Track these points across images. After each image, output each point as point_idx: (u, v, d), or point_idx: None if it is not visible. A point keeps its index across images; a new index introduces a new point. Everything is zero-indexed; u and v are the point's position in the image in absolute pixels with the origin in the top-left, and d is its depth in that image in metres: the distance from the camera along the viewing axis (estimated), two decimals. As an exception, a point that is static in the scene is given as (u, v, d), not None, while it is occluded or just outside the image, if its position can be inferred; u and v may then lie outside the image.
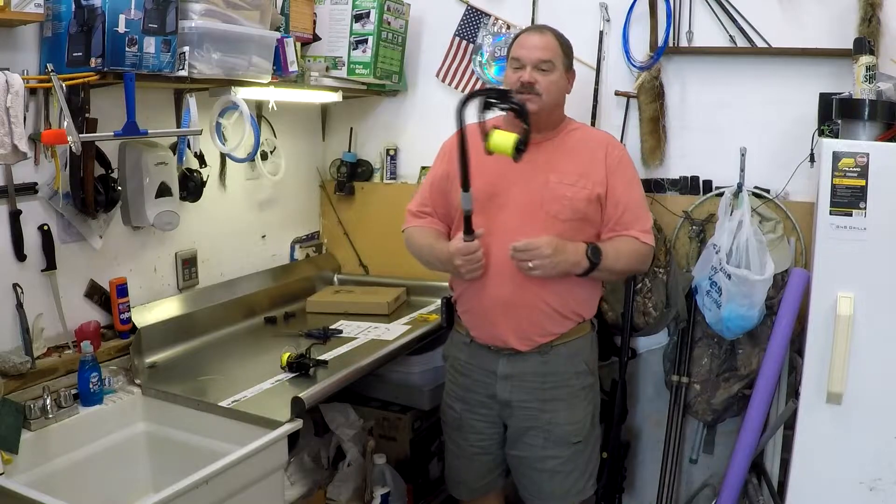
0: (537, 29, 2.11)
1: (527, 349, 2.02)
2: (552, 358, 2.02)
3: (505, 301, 1.99)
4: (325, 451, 2.34)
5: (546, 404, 2.03)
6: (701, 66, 2.55)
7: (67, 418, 1.85)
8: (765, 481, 2.37)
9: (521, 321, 2.00)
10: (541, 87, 1.97)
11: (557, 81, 2.01)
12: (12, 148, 1.72)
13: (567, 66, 2.06)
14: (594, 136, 2.14)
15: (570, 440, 2.04)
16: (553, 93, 2.00)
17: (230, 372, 2.15)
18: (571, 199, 1.97)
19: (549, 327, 2.01)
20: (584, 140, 2.07)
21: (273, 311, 2.69)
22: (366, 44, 2.64)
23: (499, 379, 2.05)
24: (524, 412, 2.04)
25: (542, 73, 1.98)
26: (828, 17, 2.35)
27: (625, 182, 2.02)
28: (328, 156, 3.14)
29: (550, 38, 2.03)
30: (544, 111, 1.99)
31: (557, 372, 2.03)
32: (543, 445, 2.04)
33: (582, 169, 2.00)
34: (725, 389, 2.49)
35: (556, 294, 1.99)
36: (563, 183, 1.98)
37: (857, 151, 1.94)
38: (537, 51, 1.99)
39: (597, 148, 2.04)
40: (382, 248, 3.04)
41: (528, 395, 2.03)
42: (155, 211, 2.15)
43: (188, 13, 1.98)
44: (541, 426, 2.03)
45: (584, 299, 2.06)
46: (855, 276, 1.96)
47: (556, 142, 2.05)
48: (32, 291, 1.94)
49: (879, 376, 1.97)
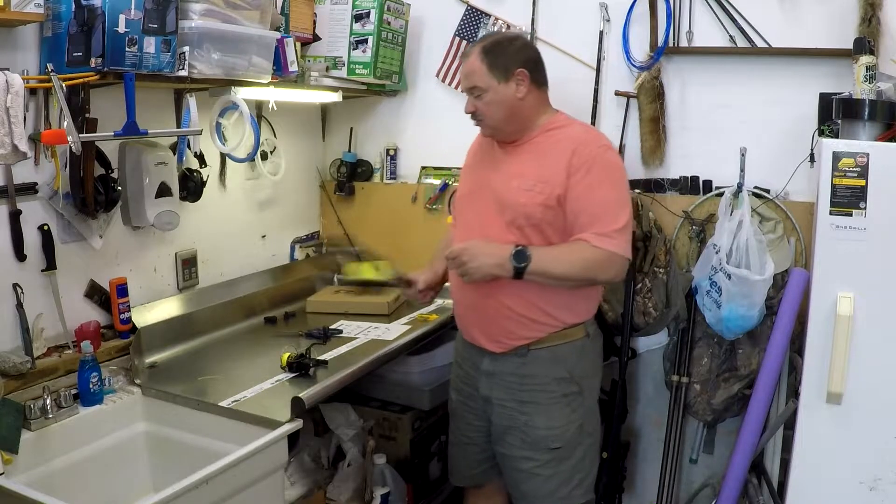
0: (465, 54, 2.03)
1: (499, 351, 2.02)
2: (531, 360, 2.00)
3: (471, 306, 2.04)
4: (325, 451, 2.34)
5: (523, 405, 2.02)
6: (701, 66, 2.55)
7: (67, 418, 1.85)
8: (765, 481, 2.37)
9: (488, 325, 2.01)
10: (480, 112, 1.98)
11: (494, 100, 1.94)
12: (12, 148, 1.71)
13: (503, 77, 1.94)
14: (569, 135, 1.98)
15: (548, 445, 2.01)
16: (495, 112, 1.96)
17: (230, 372, 2.14)
18: (525, 205, 1.92)
19: (518, 331, 1.99)
20: (557, 141, 1.97)
21: (273, 311, 2.69)
22: (366, 44, 2.64)
23: (481, 375, 2.07)
24: (503, 410, 2.05)
25: (477, 99, 1.97)
26: (828, 17, 2.35)
27: (587, 183, 1.89)
28: (328, 156, 3.14)
29: (473, 59, 1.96)
30: (499, 129, 2.00)
31: (536, 375, 2.00)
32: (521, 446, 2.04)
33: (542, 173, 1.93)
34: (725, 389, 2.49)
35: (520, 299, 1.95)
36: (520, 189, 1.93)
37: (857, 151, 1.94)
38: (464, 80, 2.00)
39: (565, 149, 1.92)
40: (382, 248, 3.03)
41: (507, 394, 2.04)
42: (155, 211, 2.14)
43: (188, 13, 1.98)
44: (518, 427, 2.03)
45: (561, 304, 1.98)
46: (855, 276, 1.96)
47: (531, 144, 1.99)
48: (32, 291, 1.94)
49: (879, 376, 1.97)
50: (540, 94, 2.01)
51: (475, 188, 2.07)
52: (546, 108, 2.04)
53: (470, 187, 2.11)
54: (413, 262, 2.89)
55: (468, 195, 2.11)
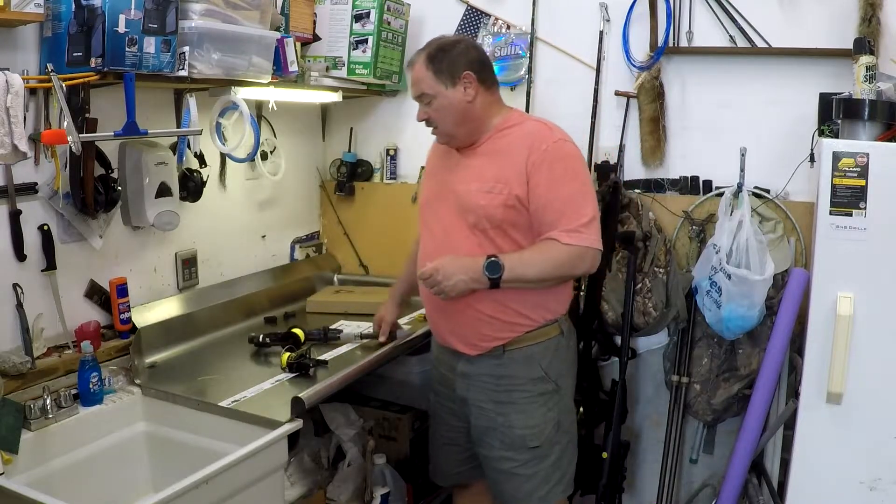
0: (411, 62, 2.00)
1: (473, 353, 2.01)
2: (507, 361, 1.99)
3: (441, 309, 2.02)
4: (325, 451, 2.34)
5: (500, 406, 2.01)
6: (701, 66, 2.55)
7: (67, 418, 1.85)
8: (765, 481, 2.37)
9: (460, 327, 2.01)
10: (433, 119, 1.97)
11: (444, 106, 1.94)
12: (12, 148, 1.72)
13: (449, 81, 1.93)
14: (524, 132, 1.95)
15: (527, 444, 2.00)
16: (446, 117, 1.95)
17: (230, 372, 2.15)
18: (486, 206, 1.90)
19: (490, 333, 1.98)
20: (512, 140, 1.95)
21: (273, 311, 2.69)
22: (366, 44, 2.64)
23: (457, 377, 2.07)
24: (480, 412, 2.04)
25: (427, 106, 1.96)
26: (828, 17, 2.35)
27: (548, 179, 1.87)
28: (328, 156, 3.14)
29: (419, 66, 1.95)
30: (453, 134, 1.99)
31: (512, 375, 2.00)
32: (500, 447, 2.03)
33: (500, 173, 1.91)
34: (725, 389, 2.49)
35: (490, 301, 1.94)
36: (480, 191, 1.92)
37: (857, 151, 1.94)
38: (413, 88, 1.99)
39: (521, 147, 1.91)
40: (382, 248, 3.04)
41: (483, 395, 2.03)
42: (155, 211, 2.14)
43: (188, 13, 1.98)
44: (496, 427, 2.02)
45: (532, 302, 1.97)
46: (855, 276, 1.96)
47: (486, 145, 1.98)
48: (32, 291, 1.94)
49: (879, 376, 1.97)
50: (489, 94, 1.99)
51: (436, 194, 2.06)
52: (498, 108, 2.02)
53: (431, 193, 2.09)
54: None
55: (431, 202, 2.08)
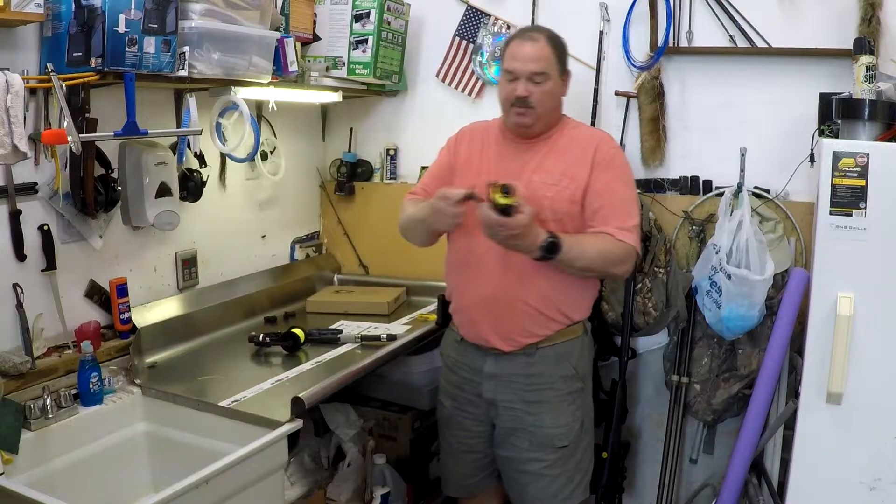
0: (529, 36, 1.98)
1: (510, 349, 2.01)
2: (538, 360, 2.00)
3: (487, 300, 1.99)
4: (325, 451, 2.34)
5: (531, 406, 2.02)
6: (701, 66, 2.55)
7: (67, 418, 1.85)
8: (765, 481, 2.37)
9: (503, 321, 1.99)
10: (534, 99, 1.95)
11: (551, 90, 1.97)
12: (12, 148, 1.71)
13: (561, 71, 2.01)
14: (588, 134, 2.08)
15: (556, 444, 2.01)
16: (547, 102, 1.97)
17: (230, 372, 2.15)
18: (552, 199, 1.93)
19: (531, 328, 1.99)
20: (576, 139, 2.02)
21: (273, 311, 2.69)
22: (366, 44, 2.64)
23: (485, 378, 2.05)
24: (509, 413, 2.03)
25: (536, 85, 1.94)
26: (828, 17, 2.35)
27: (609, 177, 1.95)
28: (328, 156, 3.14)
29: (543, 45, 1.95)
30: (542, 119, 1.99)
31: (543, 374, 2.01)
32: (528, 448, 2.02)
33: (566, 168, 1.96)
34: (725, 389, 2.49)
35: (539, 294, 1.96)
36: (545, 183, 1.95)
37: (857, 151, 1.94)
38: (531, 63, 1.94)
39: (587, 146, 1.99)
40: (382, 248, 3.04)
41: (513, 395, 2.03)
42: (155, 211, 2.14)
43: (188, 13, 1.98)
44: (525, 428, 2.02)
45: (572, 301, 2.02)
46: (855, 276, 1.96)
47: (549, 142, 2.02)
48: (32, 291, 1.94)
49: (879, 376, 1.97)
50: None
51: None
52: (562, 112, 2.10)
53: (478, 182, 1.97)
54: (413, 261, 2.90)
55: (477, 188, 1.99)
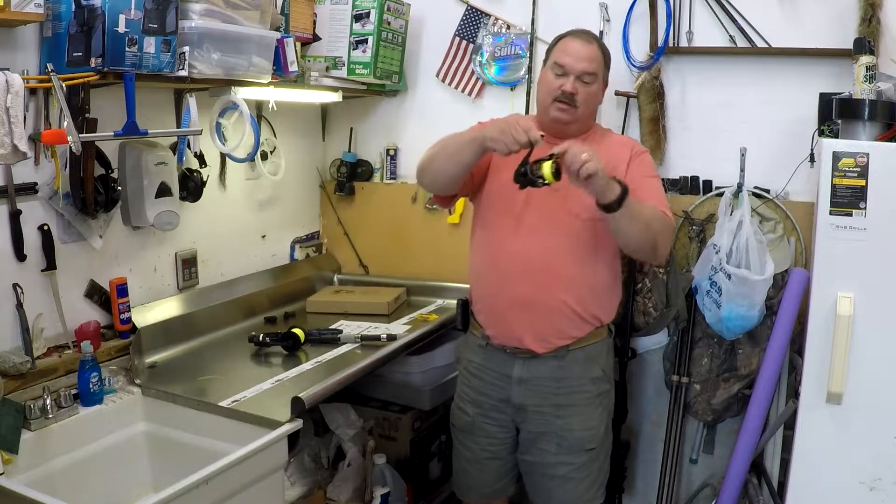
0: (584, 37, 2.02)
1: (543, 351, 1.99)
2: (568, 362, 2.00)
3: (523, 300, 1.97)
4: (325, 451, 2.34)
5: (560, 409, 2.01)
6: (701, 66, 2.55)
7: (67, 418, 1.85)
8: (765, 481, 2.37)
9: (539, 322, 1.98)
10: (580, 98, 1.96)
11: (596, 93, 2.02)
12: (12, 148, 1.71)
13: (605, 76, 2.05)
14: (620, 138, 2.16)
15: (584, 447, 2.01)
16: (590, 104, 2.01)
17: (230, 372, 2.15)
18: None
19: (566, 330, 1.99)
20: (609, 142, 2.06)
21: (273, 311, 2.69)
22: (366, 44, 2.64)
23: (513, 383, 2.03)
24: (538, 417, 2.02)
25: (584, 85, 1.96)
26: (828, 17, 2.35)
27: (643, 172, 2.00)
28: (328, 156, 3.14)
29: (595, 49, 2.00)
30: (582, 119, 2.01)
31: (573, 377, 2.01)
32: (556, 451, 2.01)
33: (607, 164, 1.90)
34: (725, 389, 2.49)
35: (576, 296, 1.97)
36: None
37: (857, 151, 1.94)
38: (583, 62, 1.96)
39: (623, 145, 2.05)
40: (382, 248, 3.04)
41: (543, 399, 2.01)
42: (155, 211, 2.14)
43: (188, 13, 1.98)
44: (554, 431, 2.01)
45: (603, 302, 2.05)
46: (855, 276, 1.96)
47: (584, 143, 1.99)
48: (32, 291, 1.94)
49: (879, 376, 1.97)
50: None
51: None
52: None
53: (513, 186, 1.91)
54: (413, 262, 2.90)
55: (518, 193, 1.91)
